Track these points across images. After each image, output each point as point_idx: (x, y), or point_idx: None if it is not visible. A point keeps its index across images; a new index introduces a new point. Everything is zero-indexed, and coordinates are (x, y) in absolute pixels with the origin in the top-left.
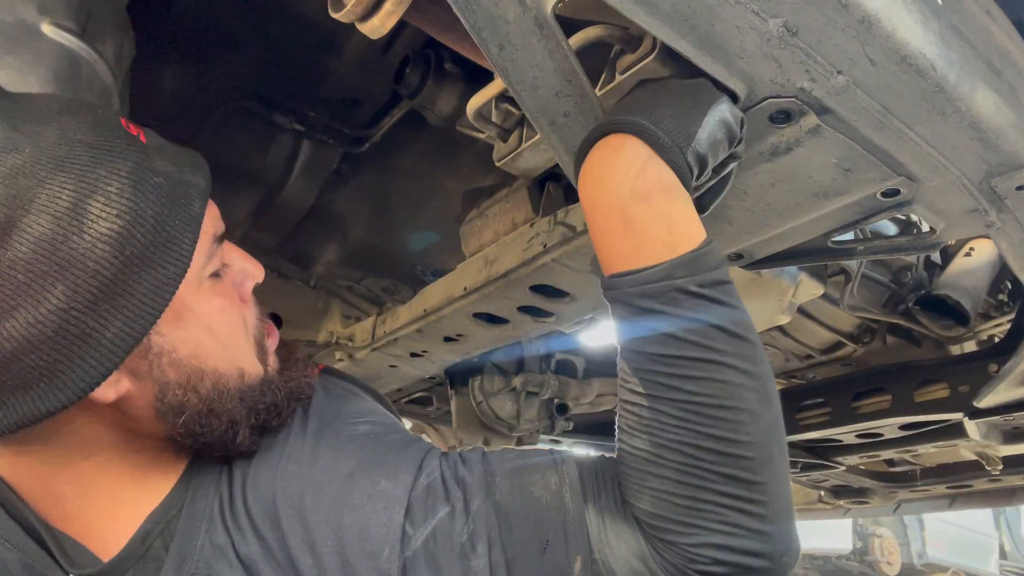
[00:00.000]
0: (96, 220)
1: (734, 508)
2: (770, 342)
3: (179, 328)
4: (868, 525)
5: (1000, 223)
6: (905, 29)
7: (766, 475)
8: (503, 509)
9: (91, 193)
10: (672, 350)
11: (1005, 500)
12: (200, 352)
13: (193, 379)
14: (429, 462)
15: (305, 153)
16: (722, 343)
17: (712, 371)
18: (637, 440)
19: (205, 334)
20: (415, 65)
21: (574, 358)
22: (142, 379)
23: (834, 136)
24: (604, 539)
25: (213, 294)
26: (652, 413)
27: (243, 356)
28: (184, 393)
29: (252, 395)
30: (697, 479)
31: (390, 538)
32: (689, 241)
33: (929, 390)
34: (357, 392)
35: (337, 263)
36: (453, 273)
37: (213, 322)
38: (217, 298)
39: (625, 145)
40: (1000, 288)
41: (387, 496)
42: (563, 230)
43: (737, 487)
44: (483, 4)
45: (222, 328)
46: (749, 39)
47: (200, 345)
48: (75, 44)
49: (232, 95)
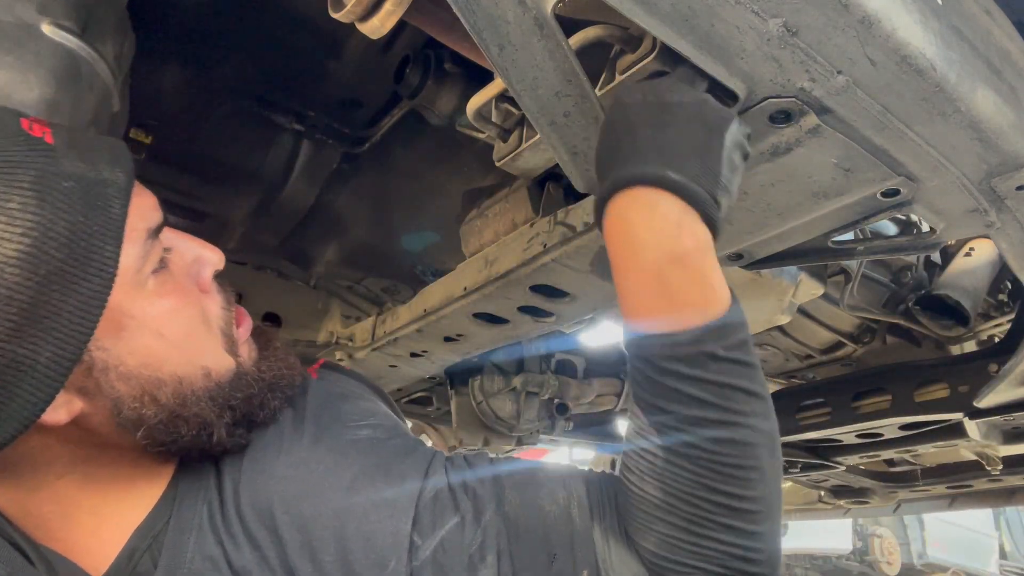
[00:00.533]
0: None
1: (736, 556)
2: (770, 342)
3: (122, 339)
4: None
5: (1000, 223)
6: (905, 29)
7: (767, 525)
8: (512, 521)
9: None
10: (695, 410)
11: (1005, 500)
12: (152, 360)
13: (149, 389)
14: (435, 469)
15: (305, 153)
16: (742, 403)
17: (732, 432)
18: (648, 486)
19: (154, 340)
20: (415, 65)
21: (574, 358)
22: (93, 396)
23: (834, 136)
24: (609, 559)
25: (159, 294)
26: (667, 464)
27: (207, 353)
28: (141, 405)
29: (223, 392)
30: (704, 528)
31: (397, 548)
32: (720, 303)
33: (929, 390)
34: (358, 390)
35: (337, 263)
36: (453, 273)
37: (162, 325)
38: (165, 298)
39: (660, 203)
40: (1000, 288)
41: (393, 504)
42: (563, 230)
43: (740, 537)
44: (483, 4)
45: (175, 330)
46: (749, 39)
47: (150, 353)
48: (75, 44)
49: (232, 95)
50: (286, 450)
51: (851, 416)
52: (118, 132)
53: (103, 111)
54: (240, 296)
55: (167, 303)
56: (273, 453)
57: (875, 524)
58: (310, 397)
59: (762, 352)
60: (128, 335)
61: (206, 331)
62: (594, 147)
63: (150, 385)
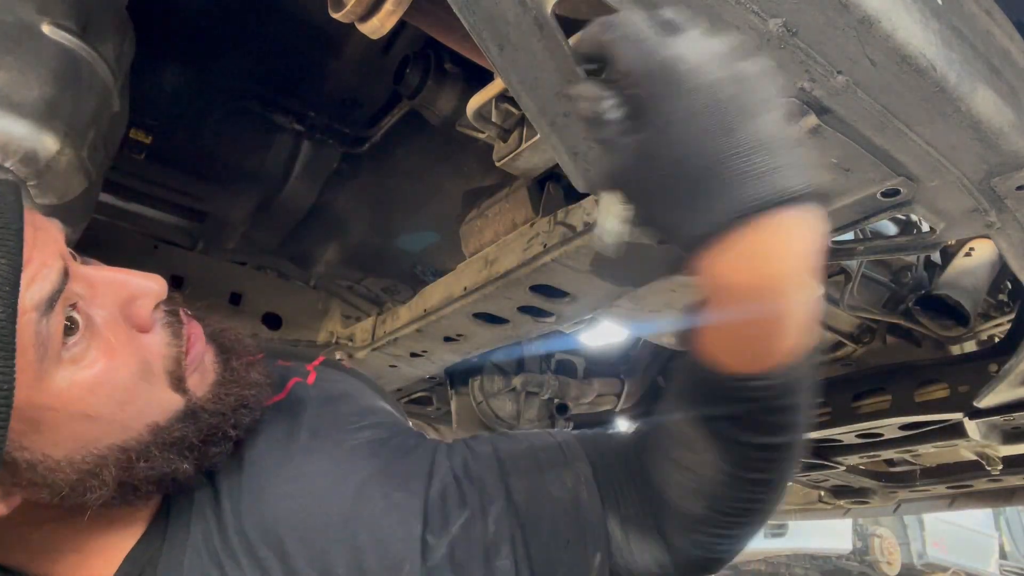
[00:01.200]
0: None
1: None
2: None
3: (42, 433)
4: (868, 525)
5: (1000, 223)
6: (905, 29)
7: None
8: (523, 510)
9: None
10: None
11: (1005, 500)
12: (84, 444)
13: (89, 471)
14: (439, 465)
15: (305, 153)
16: (801, 434)
17: (790, 462)
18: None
19: (81, 424)
20: (415, 65)
21: (574, 358)
22: (27, 488)
23: (834, 136)
24: (626, 547)
25: (79, 368)
26: (718, 486)
27: (150, 408)
28: (83, 489)
29: (172, 438)
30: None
31: (410, 551)
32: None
33: (929, 390)
34: (357, 387)
35: (337, 263)
36: (453, 273)
37: (87, 406)
38: (86, 370)
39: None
40: (1000, 288)
41: (401, 507)
42: (563, 230)
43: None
44: (483, 4)
45: (104, 405)
46: (749, 39)
47: (80, 438)
48: (75, 44)
49: (232, 95)
50: (284, 463)
51: (851, 416)
52: (118, 132)
53: (103, 111)
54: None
55: (89, 375)
56: (272, 467)
57: (875, 524)
58: (307, 403)
59: None
60: (48, 428)
61: (147, 383)
62: (594, 147)
63: (88, 467)
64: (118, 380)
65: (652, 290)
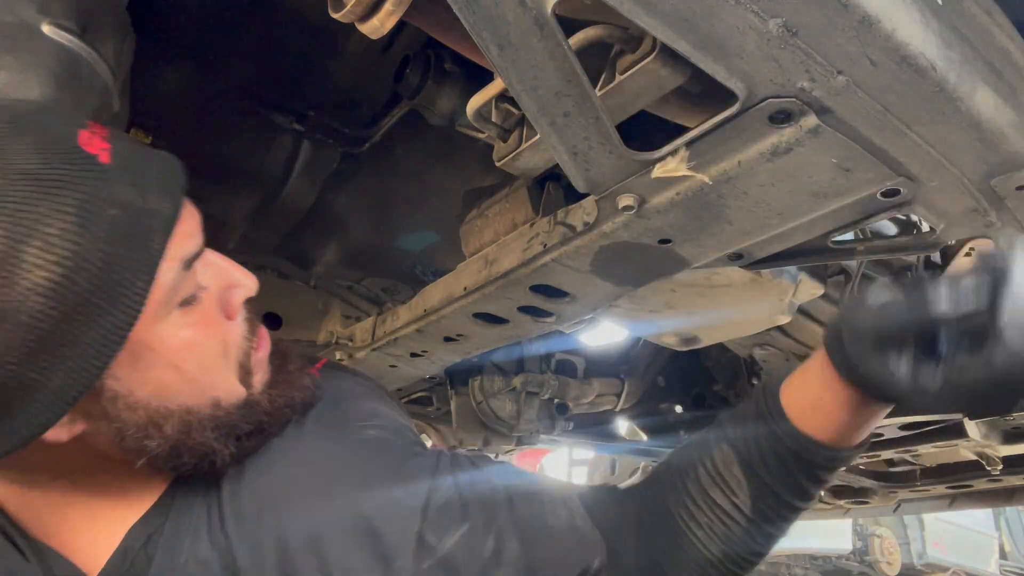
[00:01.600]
0: (31, 270)
1: None
2: (770, 342)
3: (136, 370)
4: (868, 525)
5: (1000, 223)
6: (905, 29)
7: None
8: (522, 528)
9: (26, 237)
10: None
11: (1005, 500)
12: (163, 392)
13: (156, 419)
14: (442, 474)
15: (305, 153)
16: None
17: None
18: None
19: (169, 372)
20: (415, 65)
21: (574, 358)
22: (97, 420)
23: (834, 136)
24: None
25: (182, 326)
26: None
27: (219, 385)
28: (144, 435)
29: (229, 421)
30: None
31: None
32: None
33: None
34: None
35: (337, 263)
36: (453, 273)
37: (179, 359)
38: (187, 330)
39: None
40: None
41: (402, 503)
42: (563, 230)
43: None
44: (483, 4)
45: (191, 363)
46: (749, 39)
47: (162, 385)
48: (75, 44)
49: (232, 95)
50: (290, 451)
51: None
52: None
53: (103, 111)
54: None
55: (188, 336)
56: (277, 455)
57: (875, 524)
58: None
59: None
60: (143, 366)
61: (223, 363)
62: (594, 147)
63: (157, 415)
64: (207, 348)
65: (652, 290)
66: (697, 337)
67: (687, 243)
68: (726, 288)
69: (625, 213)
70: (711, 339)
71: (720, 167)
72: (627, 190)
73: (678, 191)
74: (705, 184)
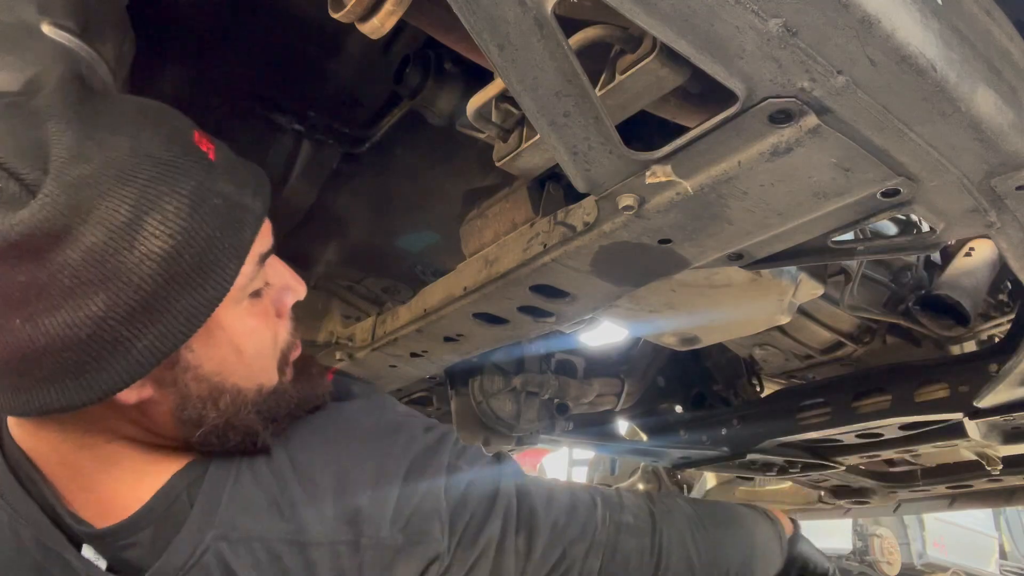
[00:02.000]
0: (149, 238)
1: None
2: (770, 342)
3: (208, 345)
4: (868, 525)
5: (1000, 223)
6: (905, 29)
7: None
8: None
9: (149, 210)
10: None
11: (1005, 500)
12: (224, 369)
13: (213, 394)
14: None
15: (305, 153)
16: None
17: None
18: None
19: (232, 353)
20: (415, 65)
21: (574, 358)
22: (165, 388)
23: (834, 136)
24: None
25: (249, 314)
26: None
27: (266, 372)
28: (204, 406)
29: (268, 405)
30: None
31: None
32: None
33: (929, 390)
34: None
35: (337, 263)
36: (453, 273)
37: (242, 342)
38: (252, 318)
39: None
40: (1000, 288)
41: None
42: (563, 230)
43: None
44: (483, 4)
45: (250, 348)
46: (749, 39)
47: (225, 363)
48: (75, 44)
49: (232, 95)
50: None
51: (851, 416)
52: None
53: None
54: None
55: (251, 323)
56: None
57: (875, 524)
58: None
59: (762, 352)
60: (213, 342)
61: (272, 353)
62: (594, 147)
63: (215, 391)
64: (264, 337)
65: (652, 290)
66: (697, 337)
67: (687, 243)
68: (726, 288)
69: (625, 213)
70: (711, 339)
71: (720, 167)
72: (627, 190)
73: (678, 191)
74: (699, 187)
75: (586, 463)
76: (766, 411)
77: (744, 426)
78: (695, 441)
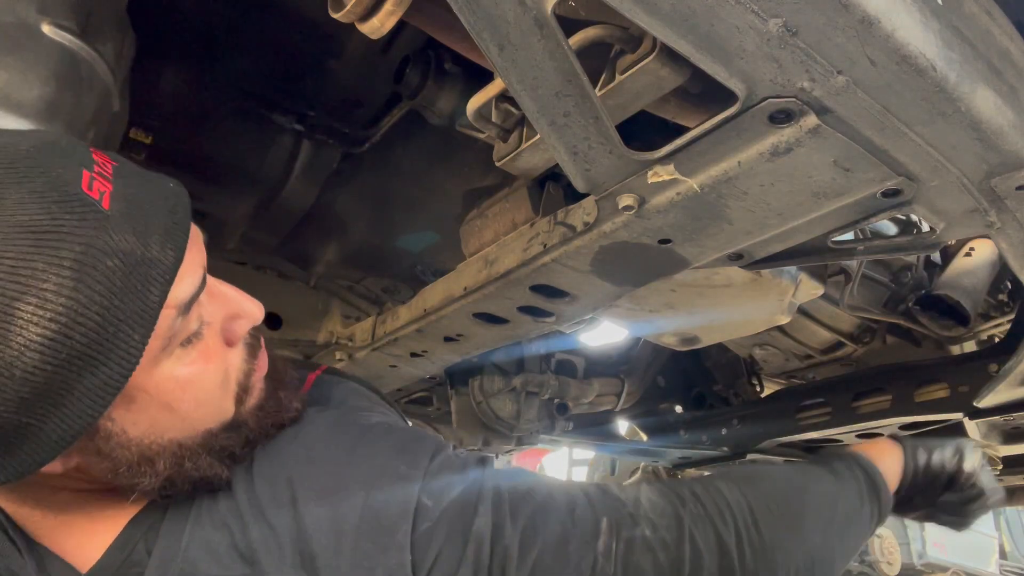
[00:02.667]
0: (25, 327)
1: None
2: (770, 342)
3: (131, 411)
4: None
5: (1000, 223)
6: (905, 29)
7: None
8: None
9: (22, 295)
10: None
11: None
12: (155, 430)
13: (148, 455)
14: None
15: (305, 153)
16: None
17: None
18: None
19: (162, 412)
20: (415, 65)
21: (574, 358)
22: (91, 456)
23: (834, 136)
24: None
25: (181, 364)
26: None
27: (212, 415)
28: (138, 469)
29: (222, 443)
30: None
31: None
32: None
33: (929, 390)
34: (360, 392)
35: (337, 263)
36: (453, 273)
37: (174, 398)
38: (186, 367)
39: None
40: (1000, 288)
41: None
42: (563, 230)
43: None
44: (483, 4)
45: (187, 401)
46: (749, 39)
47: (155, 424)
48: (75, 44)
49: (232, 95)
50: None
51: (851, 416)
52: (118, 132)
53: (103, 111)
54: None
55: (185, 374)
56: (285, 441)
57: None
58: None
59: (762, 352)
60: (137, 407)
61: (221, 392)
62: (594, 147)
63: (147, 453)
64: (205, 383)
65: (652, 290)
66: (697, 337)
67: (687, 243)
68: (726, 288)
69: (625, 213)
70: (711, 339)
71: (720, 167)
72: (627, 190)
73: (678, 191)
74: (702, 186)
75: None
76: (766, 411)
77: (744, 426)
78: (695, 441)
